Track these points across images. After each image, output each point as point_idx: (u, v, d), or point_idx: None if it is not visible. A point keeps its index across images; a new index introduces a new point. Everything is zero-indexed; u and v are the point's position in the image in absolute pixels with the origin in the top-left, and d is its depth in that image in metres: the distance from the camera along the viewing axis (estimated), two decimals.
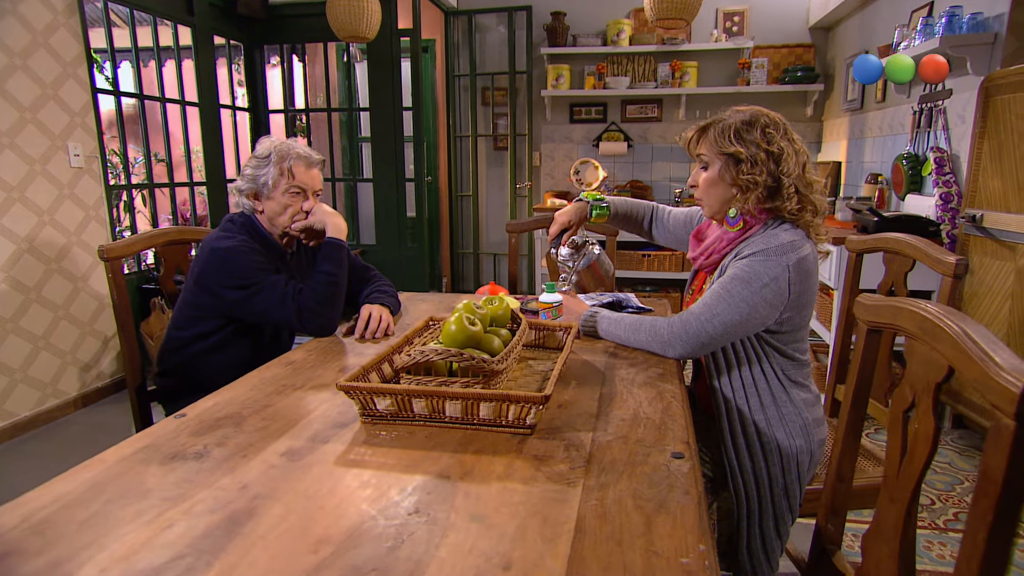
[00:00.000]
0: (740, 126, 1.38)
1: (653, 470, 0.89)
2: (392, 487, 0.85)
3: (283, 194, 1.63)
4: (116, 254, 1.74)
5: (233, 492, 0.85)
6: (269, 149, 1.63)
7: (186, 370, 1.72)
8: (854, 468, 1.04)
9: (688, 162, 4.76)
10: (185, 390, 1.74)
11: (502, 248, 5.14)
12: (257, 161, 1.64)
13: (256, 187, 1.64)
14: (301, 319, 1.56)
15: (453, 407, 1.01)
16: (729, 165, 1.39)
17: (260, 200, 1.66)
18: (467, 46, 4.84)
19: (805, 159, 1.39)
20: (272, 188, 1.62)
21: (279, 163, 1.62)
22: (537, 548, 0.71)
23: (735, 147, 1.37)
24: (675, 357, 1.36)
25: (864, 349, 0.98)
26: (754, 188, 1.36)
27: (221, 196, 4.26)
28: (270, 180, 1.62)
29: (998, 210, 2.30)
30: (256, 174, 1.63)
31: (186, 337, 1.70)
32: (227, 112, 4.40)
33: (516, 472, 0.89)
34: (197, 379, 1.72)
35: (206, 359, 1.70)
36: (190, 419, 1.09)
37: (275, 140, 1.66)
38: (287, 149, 1.63)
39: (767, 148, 1.36)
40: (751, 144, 1.36)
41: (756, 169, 1.36)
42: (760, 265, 1.30)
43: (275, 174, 1.61)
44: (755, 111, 1.41)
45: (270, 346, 1.79)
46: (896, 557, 0.83)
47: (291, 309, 1.56)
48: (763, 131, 1.37)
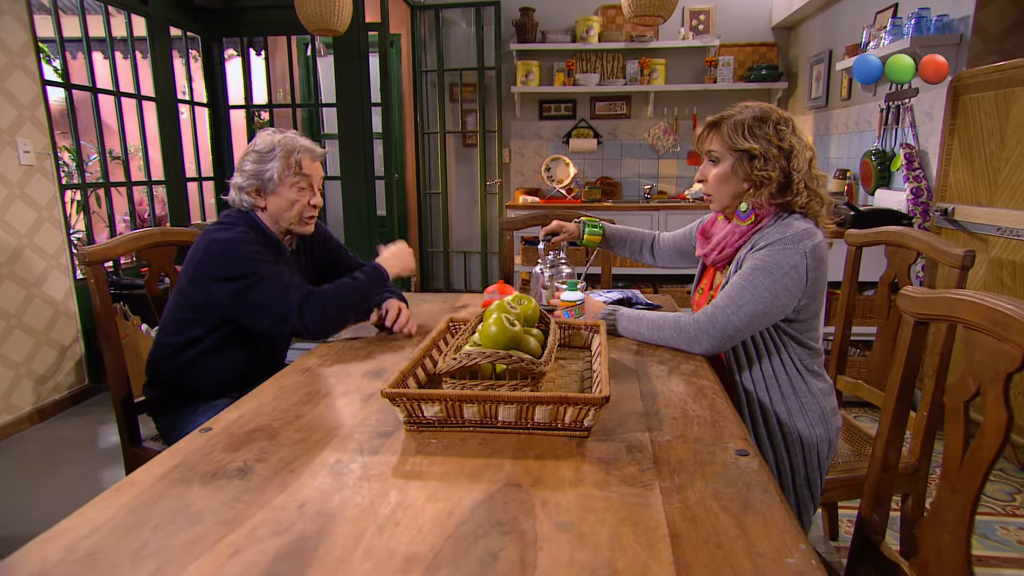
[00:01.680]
0: (752, 122, 1.39)
1: (723, 469, 0.88)
2: (463, 498, 0.82)
3: (290, 188, 1.56)
4: (97, 258, 1.62)
5: (292, 511, 0.79)
6: (272, 143, 1.56)
7: (177, 379, 1.63)
8: (899, 457, 1.06)
9: (656, 159, 4.83)
10: (176, 401, 1.65)
11: (473, 246, 5.10)
12: (259, 156, 1.55)
13: (259, 182, 1.55)
14: (304, 312, 1.46)
15: (507, 412, 0.98)
16: (743, 161, 1.40)
17: (263, 196, 1.57)
18: (434, 41, 4.77)
19: (811, 154, 1.41)
20: (278, 183, 1.55)
21: (286, 157, 1.55)
22: (639, 556, 0.69)
23: (749, 143, 1.38)
24: (702, 353, 1.36)
25: (911, 341, 0.99)
26: (768, 184, 1.37)
27: (180, 195, 4.07)
28: (275, 174, 1.54)
29: (969, 203, 2.41)
30: (259, 169, 1.55)
31: (178, 342, 1.60)
32: (185, 107, 4.20)
33: (587, 477, 0.87)
34: (189, 388, 1.63)
35: (199, 366, 1.61)
36: (218, 433, 1.03)
37: (276, 133, 1.59)
38: (292, 142, 1.56)
39: (779, 144, 1.37)
40: (764, 140, 1.37)
41: (769, 165, 1.37)
42: (779, 254, 1.31)
43: (280, 168, 1.54)
44: (765, 107, 1.42)
45: (266, 353, 1.71)
46: (962, 545, 0.85)
47: (293, 300, 1.47)
48: (775, 127, 1.38)
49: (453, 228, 5.10)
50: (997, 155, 2.27)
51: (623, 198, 4.76)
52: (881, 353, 1.65)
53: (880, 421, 1.06)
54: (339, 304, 1.50)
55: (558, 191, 4.55)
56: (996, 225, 2.27)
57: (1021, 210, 2.17)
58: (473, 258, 5.13)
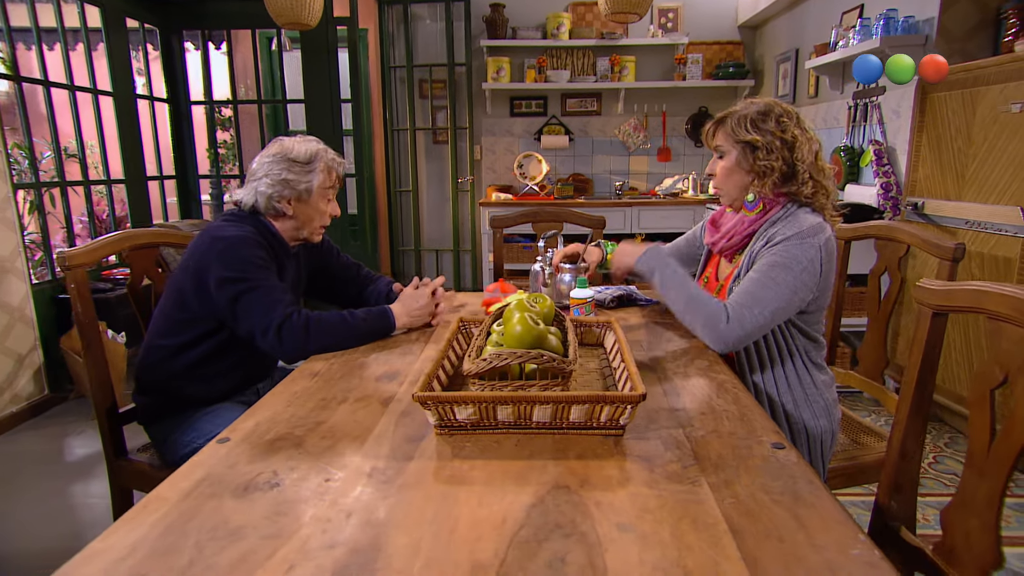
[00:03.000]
0: (756, 116, 1.42)
1: (764, 463, 0.89)
2: (514, 502, 0.80)
3: (321, 199, 1.56)
4: (79, 261, 1.54)
5: (340, 523, 0.76)
6: (312, 154, 1.54)
7: (172, 384, 1.55)
8: (920, 446, 1.09)
9: (627, 155, 4.88)
10: (170, 408, 1.57)
11: (445, 244, 5.05)
12: (295, 164, 1.52)
13: (293, 192, 1.53)
14: (282, 331, 1.40)
15: (542, 412, 0.97)
16: (746, 152, 1.43)
17: (293, 204, 1.55)
18: (403, 36, 4.70)
19: (817, 147, 1.44)
20: (314, 193, 1.54)
21: (327, 171, 1.55)
22: (706, 553, 0.69)
23: (752, 135, 1.40)
24: (725, 351, 1.36)
25: (930, 332, 1.02)
26: (770, 173, 1.40)
27: (141, 195, 3.90)
28: (314, 185, 1.53)
29: (938, 198, 2.51)
30: (297, 179, 1.52)
31: (171, 346, 1.53)
32: (144, 103, 4.03)
33: (633, 475, 0.86)
34: (184, 395, 1.56)
35: (196, 372, 1.54)
36: (237, 443, 0.98)
37: (310, 142, 1.57)
38: (328, 154, 1.58)
39: (782, 136, 1.40)
40: (767, 132, 1.40)
41: (772, 156, 1.40)
42: (797, 249, 1.34)
43: (322, 180, 1.54)
44: (769, 102, 1.45)
45: (263, 357, 1.65)
46: (992, 530, 0.88)
47: (277, 316, 1.41)
48: (777, 120, 1.41)
49: (424, 226, 5.05)
50: (964, 151, 2.37)
51: (595, 195, 4.79)
52: (872, 344, 1.70)
53: (898, 410, 1.09)
54: (324, 337, 1.44)
55: (531, 188, 4.56)
56: (964, 218, 2.37)
57: (988, 204, 2.27)
58: (445, 256, 5.09)
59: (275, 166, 1.53)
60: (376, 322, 1.52)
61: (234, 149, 5.61)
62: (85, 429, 2.90)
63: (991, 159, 2.26)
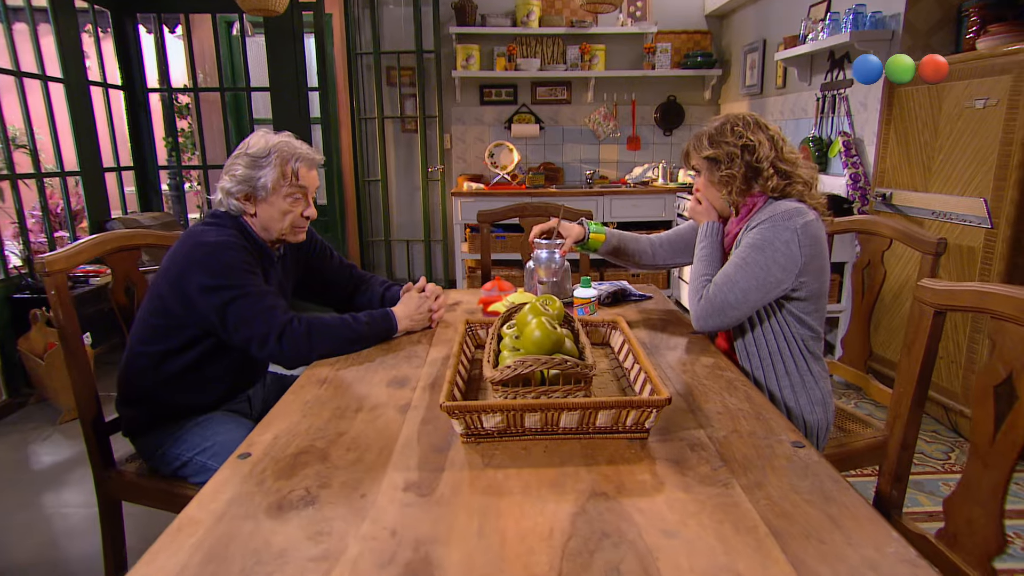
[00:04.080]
0: (713, 132, 1.52)
1: (788, 462, 0.92)
2: (556, 512, 0.81)
3: (284, 198, 1.45)
4: (60, 267, 1.47)
5: (386, 540, 0.76)
6: (268, 148, 1.44)
7: (158, 394, 1.50)
8: (917, 437, 1.14)
9: (597, 144, 4.90)
10: (157, 419, 1.52)
11: (415, 234, 5.00)
12: (251, 160, 1.44)
13: (250, 189, 1.44)
14: (283, 336, 1.36)
15: (569, 418, 0.98)
16: (711, 167, 1.52)
17: (253, 203, 1.46)
18: (369, 22, 4.59)
19: (781, 143, 1.49)
20: (271, 191, 1.44)
21: (282, 165, 1.43)
22: (753, 557, 0.71)
23: (711, 150, 1.50)
24: (704, 331, 1.44)
25: (931, 330, 1.07)
26: (732, 182, 1.47)
27: (98, 187, 3.73)
28: (269, 182, 1.43)
29: (906, 189, 2.61)
30: (252, 174, 1.43)
31: (154, 354, 1.47)
32: (98, 90, 3.84)
33: (667, 480, 0.88)
34: (171, 405, 1.51)
35: (182, 380, 1.49)
36: (259, 459, 0.96)
37: (270, 135, 1.48)
38: (290, 149, 1.45)
39: (739, 143, 1.47)
40: (723, 144, 1.49)
41: (734, 165, 1.47)
42: (769, 231, 1.39)
43: (275, 176, 1.43)
44: (725, 117, 1.54)
45: (252, 364, 1.60)
46: (996, 518, 0.93)
47: (277, 322, 1.37)
48: (732, 130, 1.49)
49: (394, 216, 4.98)
50: (931, 144, 2.47)
51: (565, 183, 4.81)
52: (855, 334, 1.77)
53: (899, 403, 1.14)
54: (326, 340, 1.41)
55: (502, 177, 4.54)
56: (931, 209, 2.47)
57: (954, 195, 2.37)
58: (416, 247, 5.04)
59: (235, 162, 1.46)
60: (378, 325, 1.50)
61: (193, 138, 5.42)
62: (51, 435, 2.79)
63: (956, 152, 2.36)
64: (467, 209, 4.34)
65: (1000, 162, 2.17)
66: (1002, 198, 2.17)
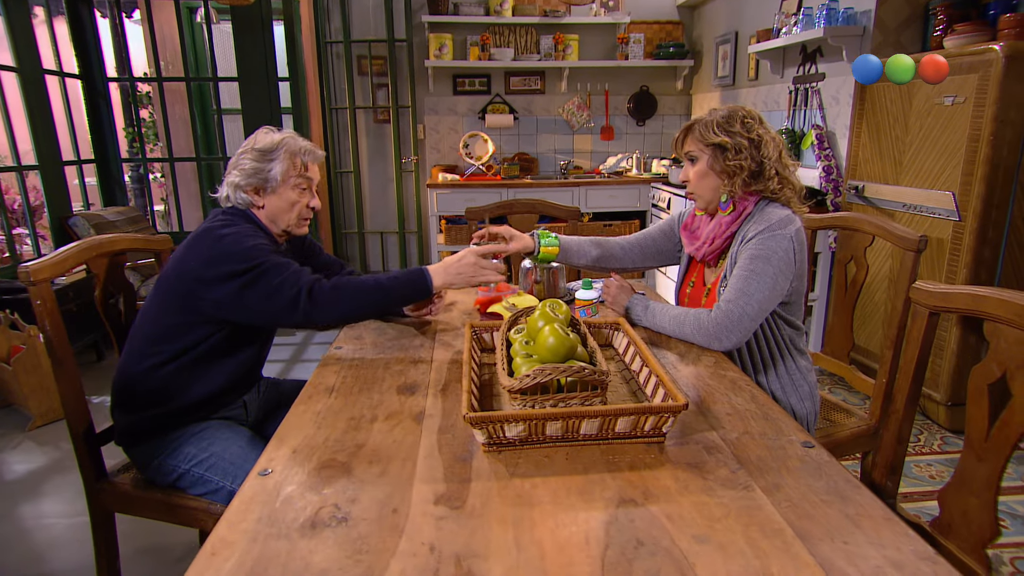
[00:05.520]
0: (722, 120, 1.51)
1: (801, 463, 0.96)
2: (588, 520, 0.83)
3: (292, 189, 1.51)
4: (45, 275, 1.42)
5: (426, 557, 0.77)
6: (275, 142, 1.50)
7: (153, 402, 1.47)
8: (911, 431, 1.20)
9: (571, 134, 4.91)
10: (155, 427, 1.49)
11: (390, 226, 4.95)
12: (260, 154, 1.49)
13: (259, 182, 1.49)
14: (313, 292, 1.36)
15: (589, 425, 1.00)
16: (716, 154, 1.51)
17: (262, 195, 1.51)
18: (339, 10, 4.49)
19: (781, 145, 1.53)
20: (280, 183, 1.49)
21: (290, 158, 1.49)
22: (785, 560, 0.75)
23: (721, 137, 1.49)
24: (726, 348, 1.42)
25: (926, 331, 1.13)
26: (740, 172, 1.49)
27: (58, 181, 3.58)
28: (279, 174, 1.48)
29: (877, 181, 2.70)
30: (261, 167, 1.48)
31: (155, 361, 1.44)
32: (54, 79, 3.67)
33: (689, 484, 0.91)
34: (168, 413, 1.48)
35: (180, 387, 1.46)
36: (282, 474, 0.96)
37: (275, 134, 1.52)
38: (297, 144, 1.52)
39: (748, 136, 1.49)
40: (734, 134, 1.49)
41: (741, 155, 1.48)
42: (771, 241, 1.42)
43: (285, 167, 1.49)
44: (732, 107, 1.55)
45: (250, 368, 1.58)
46: (990, 507, 0.99)
47: (305, 281, 1.37)
48: (742, 122, 1.50)
49: (368, 208, 4.92)
50: (902, 139, 2.56)
51: (540, 174, 4.82)
52: (838, 325, 1.84)
53: (894, 399, 1.20)
54: (354, 296, 1.40)
55: (478, 168, 4.52)
56: (902, 202, 2.56)
57: (924, 189, 2.47)
58: (390, 238, 4.99)
59: (242, 157, 1.51)
60: (409, 281, 1.46)
61: (155, 128, 5.24)
62: (21, 442, 2.69)
63: (926, 147, 2.45)
64: (443, 201, 4.32)
65: (968, 157, 2.26)
66: (969, 192, 2.27)
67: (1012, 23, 2.23)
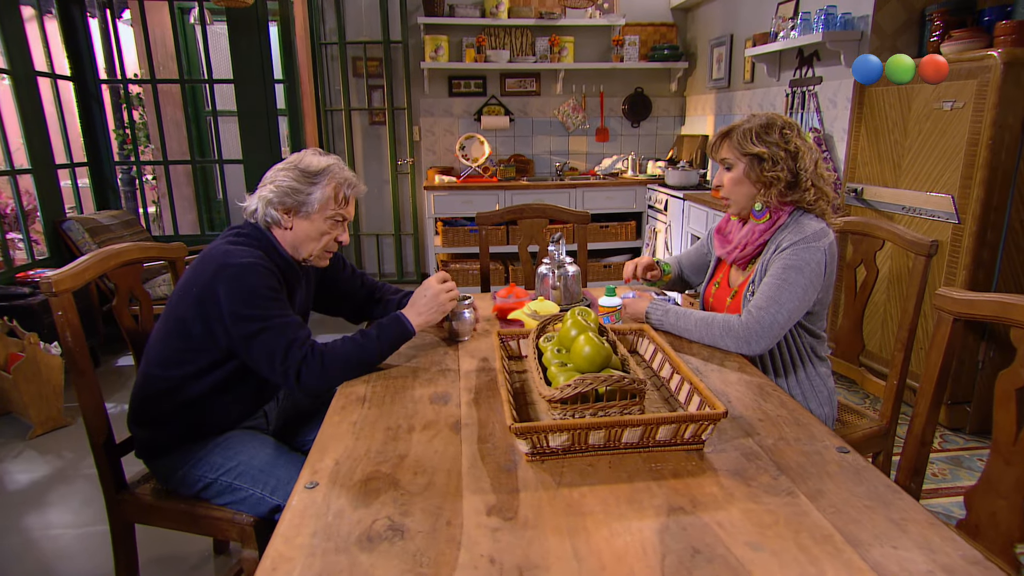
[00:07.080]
0: (759, 129, 1.51)
1: (840, 469, 0.98)
2: (642, 529, 0.84)
3: (326, 220, 1.44)
4: (67, 286, 1.40)
5: (487, 569, 0.78)
6: (323, 167, 1.43)
7: (176, 417, 1.45)
8: (934, 434, 1.23)
9: (567, 136, 4.93)
10: (175, 440, 1.48)
11: (385, 228, 4.93)
12: (302, 174, 1.42)
13: (294, 203, 1.42)
14: (301, 375, 1.33)
15: (631, 433, 1.01)
16: (753, 164, 1.51)
17: (292, 216, 1.44)
18: (334, 11, 4.46)
19: (817, 156, 1.55)
20: (317, 210, 1.42)
21: (336, 187, 1.43)
22: (836, 566, 0.77)
23: (758, 147, 1.49)
24: (755, 353, 1.44)
25: (950, 337, 1.15)
26: (776, 183, 1.50)
27: (51, 184, 3.53)
28: (317, 201, 1.42)
29: (876, 184, 2.74)
30: (301, 188, 1.41)
31: (175, 377, 1.42)
32: (46, 82, 3.61)
33: (734, 492, 0.93)
34: (190, 425, 1.46)
35: (203, 403, 1.45)
36: (328, 487, 0.96)
37: (322, 157, 1.47)
38: (343, 174, 1.46)
39: (785, 147, 1.50)
40: (771, 144, 1.49)
41: (778, 166, 1.49)
42: (805, 252, 1.44)
43: (325, 196, 1.42)
44: (771, 115, 1.54)
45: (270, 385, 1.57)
46: (1018, 510, 1.02)
47: (294, 360, 1.33)
48: (780, 132, 1.51)
49: (363, 210, 4.90)
50: (901, 143, 2.61)
51: (536, 175, 4.83)
52: (848, 330, 1.87)
53: (917, 403, 1.23)
54: (342, 368, 1.37)
55: (474, 170, 4.52)
56: (901, 204, 2.61)
57: (923, 192, 2.51)
58: (386, 241, 4.98)
59: (285, 174, 1.44)
60: (391, 332, 1.45)
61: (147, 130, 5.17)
62: (22, 451, 2.65)
63: (925, 151, 2.50)
64: (440, 203, 4.32)
65: (967, 161, 2.31)
66: (968, 196, 2.32)
67: (1008, 30, 2.28)
